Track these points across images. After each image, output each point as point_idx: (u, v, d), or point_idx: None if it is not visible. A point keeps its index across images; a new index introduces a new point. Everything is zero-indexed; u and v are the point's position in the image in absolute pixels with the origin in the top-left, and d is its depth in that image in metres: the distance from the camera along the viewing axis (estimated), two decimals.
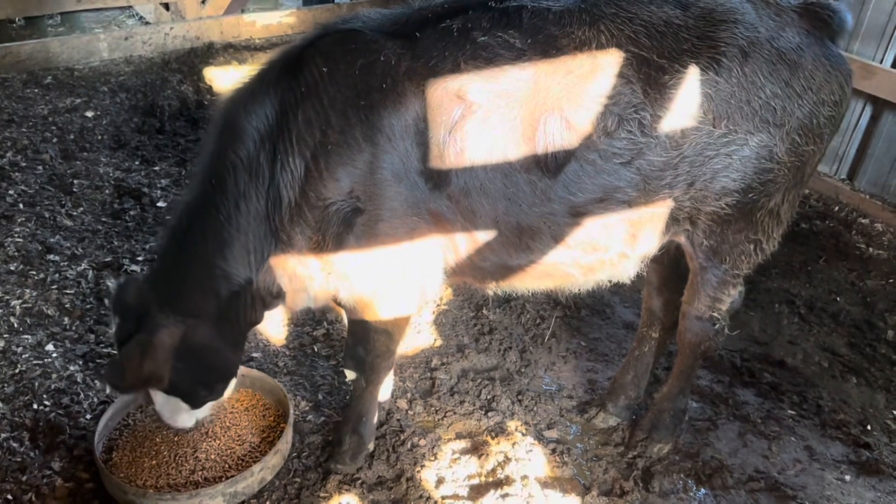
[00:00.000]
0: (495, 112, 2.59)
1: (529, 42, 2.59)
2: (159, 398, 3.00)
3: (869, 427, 3.81)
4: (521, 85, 2.58)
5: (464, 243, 2.83)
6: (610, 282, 3.15)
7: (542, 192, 2.69)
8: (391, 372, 3.64)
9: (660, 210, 2.82)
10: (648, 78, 2.59)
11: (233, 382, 3.14)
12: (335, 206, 2.61)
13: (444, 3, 2.76)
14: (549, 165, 2.64)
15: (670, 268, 3.36)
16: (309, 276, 2.81)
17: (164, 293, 2.74)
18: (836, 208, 5.67)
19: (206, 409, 3.16)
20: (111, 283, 2.91)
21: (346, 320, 3.45)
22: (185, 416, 3.09)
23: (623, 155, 2.65)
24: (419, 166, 2.63)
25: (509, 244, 2.83)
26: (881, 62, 5.45)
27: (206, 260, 2.71)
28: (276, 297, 2.92)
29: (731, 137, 2.68)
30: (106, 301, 4.12)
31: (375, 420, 3.43)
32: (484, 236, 2.80)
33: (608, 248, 2.90)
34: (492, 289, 3.16)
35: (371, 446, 3.40)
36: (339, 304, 3.08)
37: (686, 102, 2.62)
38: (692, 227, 2.93)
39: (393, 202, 2.64)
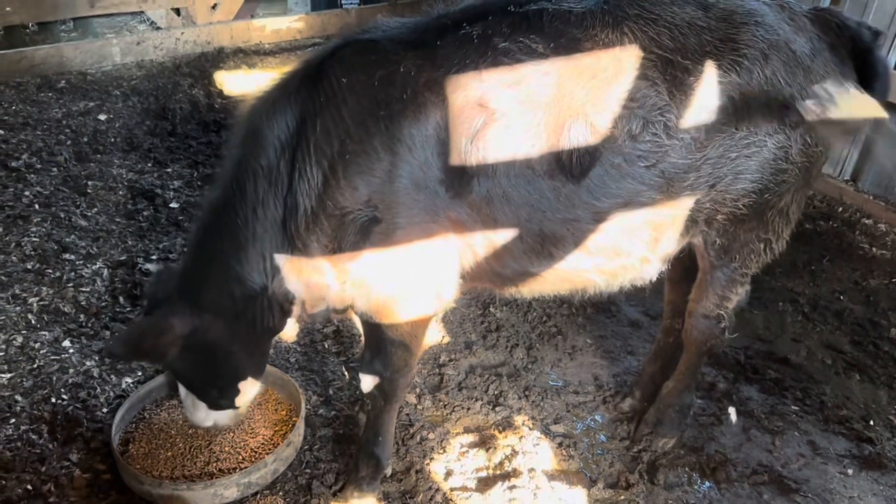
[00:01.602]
0: (518, 119, 2.56)
1: (552, 46, 2.56)
2: (182, 391, 3.06)
3: (871, 422, 3.86)
4: (545, 91, 2.56)
5: (484, 251, 2.79)
6: (632, 286, 3.14)
7: (567, 198, 2.67)
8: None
9: (682, 212, 2.83)
10: (674, 79, 2.58)
11: (249, 391, 3.11)
12: (352, 214, 2.59)
13: (463, 9, 2.73)
14: (574, 171, 2.62)
15: (688, 262, 3.39)
16: (325, 285, 2.79)
17: (186, 285, 2.80)
18: (840, 209, 5.73)
19: (225, 416, 3.15)
20: (153, 268, 2.95)
21: (360, 328, 3.46)
22: (202, 413, 3.11)
23: (648, 158, 2.64)
24: (439, 175, 2.60)
25: (531, 251, 2.82)
26: None
27: (223, 260, 2.73)
28: (294, 304, 2.90)
29: (752, 139, 2.70)
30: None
31: (392, 441, 3.35)
32: (505, 244, 2.77)
33: (630, 253, 2.90)
34: (510, 294, 3.16)
35: (389, 469, 3.35)
36: (356, 313, 3.05)
37: (711, 104, 2.62)
38: (708, 227, 2.95)
39: (411, 211, 2.62)
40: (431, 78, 2.56)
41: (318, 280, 2.78)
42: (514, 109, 2.56)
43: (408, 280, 2.77)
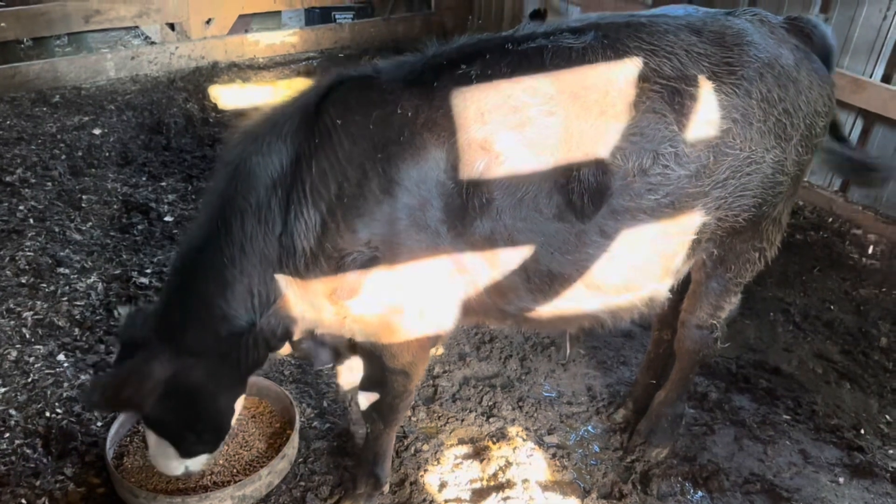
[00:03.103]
0: (524, 162, 2.53)
1: (556, 85, 2.53)
2: (152, 439, 2.96)
3: (862, 431, 3.89)
4: (552, 132, 2.52)
5: (487, 289, 2.77)
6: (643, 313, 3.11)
7: (577, 238, 2.65)
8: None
9: (690, 237, 2.83)
10: (682, 108, 2.58)
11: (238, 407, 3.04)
12: (352, 256, 2.56)
13: (459, 48, 2.69)
14: (585, 211, 2.59)
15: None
16: (320, 321, 2.77)
17: (165, 327, 2.70)
18: (830, 219, 5.77)
19: (198, 462, 3.06)
20: (121, 311, 2.83)
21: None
22: (174, 463, 2.99)
23: (659, 190, 2.64)
24: (440, 215, 2.57)
25: (537, 291, 2.78)
26: (871, 76, 5.57)
27: (207, 299, 2.65)
28: (281, 339, 2.85)
29: (753, 157, 2.72)
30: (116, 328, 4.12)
31: (391, 460, 3.37)
32: (510, 283, 2.75)
33: (641, 287, 2.89)
34: (511, 328, 3.12)
35: (386, 487, 3.36)
36: (352, 347, 3.05)
37: (718, 129, 2.63)
38: (707, 243, 2.97)
39: (412, 251, 2.59)
40: (430, 119, 2.53)
41: (314, 317, 2.75)
42: (520, 152, 2.53)
43: (408, 316, 2.74)
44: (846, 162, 3.21)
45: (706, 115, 2.62)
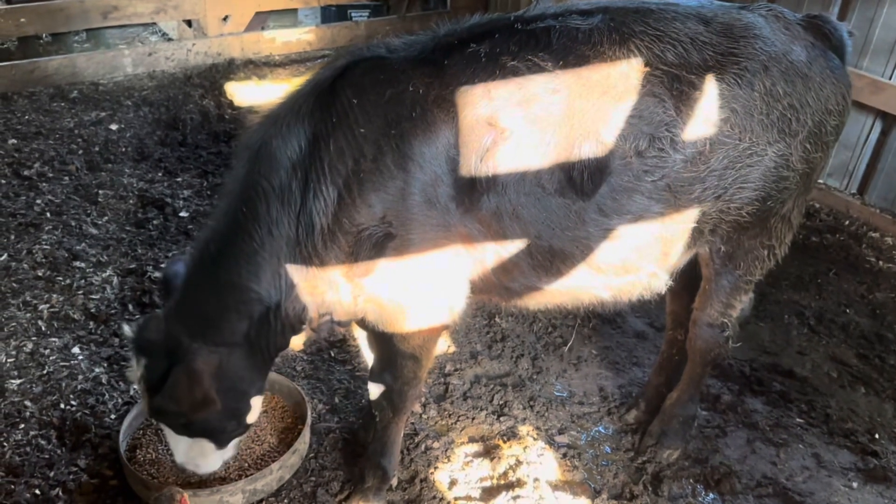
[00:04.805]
0: (528, 137, 2.60)
1: (561, 64, 2.60)
2: (182, 446, 2.97)
3: (877, 435, 3.85)
4: (555, 109, 2.60)
5: (493, 265, 2.83)
6: (639, 300, 3.14)
7: (577, 215, 2.72)
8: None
9: (689, 225, 2.86)
10: (680, 95, 2.63)
11: (258, 405, 3.05)
12: (368, 231, 2.62)
13: (469, 27, 2.77)
14: (585, 188, 2.66)
15: (690, 272, 3.40)
16: (338, 301, 2.79)
17: (195, 323, 2.73)
18: (847, 222, 5.72)
19: (231, 449, 3.11)
20: (127, 327, 2.83)
21: (363, 347, 3.47)
22: (213, 458, 3.04)
23: (655, 173, 2.69)
24: (450, 191, 2.64)
25: (540, 267, 2.85)
26: (890, 78, 5.52)
27: (240, 285, 2.69)
28: (303, 321, 2.90)
29: (754, 149, 2.75)
30: (125, 343, 3.97)
31: (399, 452, 3.39)
32: (514, 259, 2.81)
33: (640, 269, 2.93)
34: (517, 307, 3.15)
35: (395, 481, 3.38)
36: (365, 328, 3.07)
37: (716, 117, 2.67)
38: (712, 236, 2.99)
39: (424, 227, 2.66)
40: (440, 96, 2.60)
41: (332, 296, 2.78)
42: (525, 128, 2.60)
43: (420, 294, 2.79)
44: None
45: (704, 103, 2.66)
